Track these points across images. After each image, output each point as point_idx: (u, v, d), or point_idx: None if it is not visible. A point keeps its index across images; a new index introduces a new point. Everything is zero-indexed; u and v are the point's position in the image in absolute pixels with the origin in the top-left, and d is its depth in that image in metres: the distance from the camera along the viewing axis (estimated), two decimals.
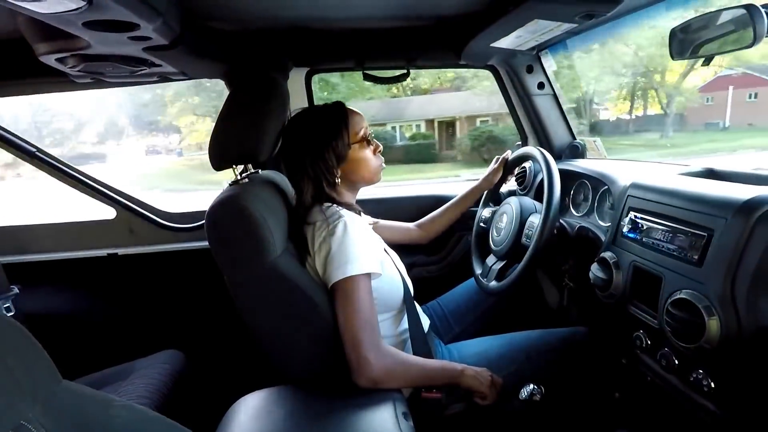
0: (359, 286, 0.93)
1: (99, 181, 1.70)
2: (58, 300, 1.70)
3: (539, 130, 1.70)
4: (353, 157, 1.08)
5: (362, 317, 0.91)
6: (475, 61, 1.53)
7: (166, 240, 1.72)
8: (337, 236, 0.95)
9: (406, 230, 1.50)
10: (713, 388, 0.85)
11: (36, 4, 0.65)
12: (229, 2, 1.03)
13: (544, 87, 1.65)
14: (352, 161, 1.08)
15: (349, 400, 0.90)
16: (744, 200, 0.81)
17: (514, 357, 1.13)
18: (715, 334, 0.79)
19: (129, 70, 1.14)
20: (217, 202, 0.92)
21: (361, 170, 1.11)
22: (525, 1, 0.94)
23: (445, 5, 1.15)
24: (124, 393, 1.13)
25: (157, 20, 0.82)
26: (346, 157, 1.07)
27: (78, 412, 0.55)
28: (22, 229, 1.71)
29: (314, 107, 1.13)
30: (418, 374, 0.98)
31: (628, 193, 1.10)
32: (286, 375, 1.00)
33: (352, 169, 1.09)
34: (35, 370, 0.52)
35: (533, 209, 1.29)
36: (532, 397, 1.08)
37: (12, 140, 1.57)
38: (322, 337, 0.95)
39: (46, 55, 0.99)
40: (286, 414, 0.89)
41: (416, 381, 0.99)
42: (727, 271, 0.79)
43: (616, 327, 1.13)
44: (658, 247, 0.96)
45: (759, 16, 0.86)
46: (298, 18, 1.18)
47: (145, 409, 0.66)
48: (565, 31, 1.15)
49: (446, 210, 1.51)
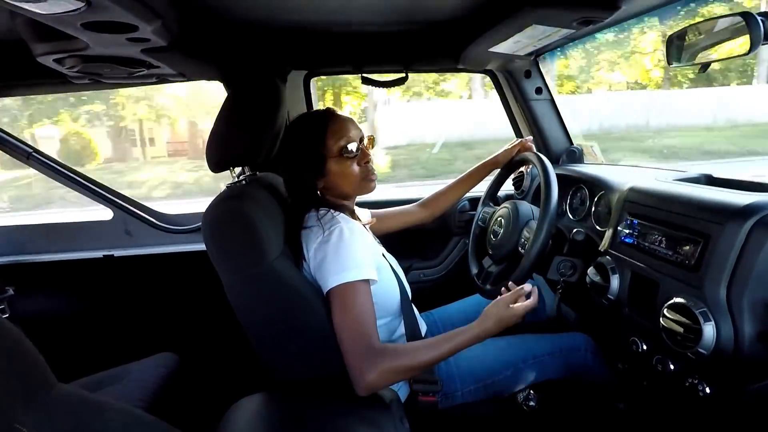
0: (356, 293, 0.91)
1: (96, 182, 1.70)
2: (54, 302, 1.69)
3: (537, 135, 1.70)
4: (331, 170, 1.04)
5: (359, 324, 0.89)
6: (473, 65, 1.53)
7: (163, 242, 1.72)
8: (333, 242, 0.94)
9: (407, 213, 1.44)
10: (709, 394, 0.85)
11: (34, 5, 0.65)
12: (228, 5, 1.03)
13: (542, 92, 1.65)
14: (331, 175, 1.05)
15: (346, 404, 0.90)
16: (741, 206, 0.81)
17: (510, 361, 1.13)
18: (711, 339, 0.79)
19: (127, 71, 1.14)
20: (214, 204, 0.92)
21: (342, 185, 1.07)
22: (523, 7, 0.95)
23: (444, 10, 1.15)
24: (119, 396, 1.12)
25: (155, 22, 0.82)
26: (324, 172, 1.04)
27: (72, 415, 0.55)
28: (17, 230, 1.70)
29: (302, 115, 1.10)
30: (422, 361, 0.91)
31: (625, 198, 1.10)
32: (281, 378, 0.99)
33: (333, 183, 1.06)
34: (29, 373, 0.52)
35: (530, 214, 1.29)
36: (529, 402, 1.08)
37: (8, 141, 1.56)
38: (318, 341, 0.94)
39: (44, 56, 0.99)
40: (281, 418, 0.88)
41: (422, 368, 0.93)
42: (724, 277, 0.80)
43: (612, 332, 1.13)
44: (655, 253, 0.96)
45: (755, 23, 0.87)
46: (297, 21, 1.18)
47: (140, 413, 0.66)
48: (563, 36, 1.16)
49: (454, 186, 1.45)
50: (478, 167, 1.44)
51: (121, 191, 1.74)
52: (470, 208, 1.79)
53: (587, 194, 1.36)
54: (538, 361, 1.13)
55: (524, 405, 1.08)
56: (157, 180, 10.86)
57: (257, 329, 0.97)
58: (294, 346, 0.96)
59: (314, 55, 1.42)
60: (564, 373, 1.15)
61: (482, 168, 1.44)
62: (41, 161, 1.60)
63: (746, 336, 0.78)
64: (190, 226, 1.73)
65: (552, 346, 1.17)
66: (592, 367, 1.17)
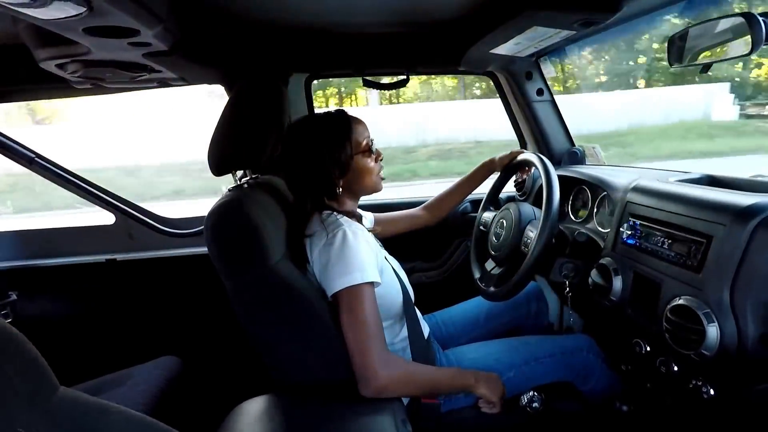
0: (361, 296, 0.92)
1: (98, 187, 1.70)
2: (57, 306, 1.69)
3: (538, 137, 1.70)
4: (356, 167, 1.07)
5: (366, 327, 0.90)
6: (474, 67, 1.53)
7: (165, 245, 1.72)
8: (336, 245, 0.94)
9: (411, 217, 1.46)
10: (713, 396, 0.84)
11: (37, 10, 0.65)
12: (229, 8, 1.03)
13: (543, 93, 1.65)
14: (354, 171, 1.07)
15: (348, 407, 0.90)
16: (743, 206, 0.81)
17: (513, 363, 1.12)
18: (715, 340, 0.79)
19: (129, 75, 1.14)
20: (216, 207, 0.92)
21: (364, 180, 1.09)
22: (524, 9, 0.95)
23: (445, 12, 1.15)
24: (122, 400, 1.12)
25: (157, 26, 0.82)
26: (349, 168, 1.06)
27: (75, 419, 0.55)
28: (20, 234, 1.71)
29: (315, 115, 1.10)
30: (426, 383, 0.98)
31: (627, 200, 1.10)
32: (284, 382, 0.99)
33: (355, 179, 1.08)
34: (33, 377, 0.52)
35: (532, 216, 1.29)
36: (532, 404, 1.07)
37: (11, 146, 1.57)
38: (321, 344, 0.94)
39: (46, 61, 0.99)
40: (284, 421, 0.88)
41: (424, 389, 0.99)
42: (727, 278, 0.79)
43: (615, 333, 1.13)
44: (658, 254, 0.96)
45: (757, 24, 0.87)
46: (298, 24, 1.19)
47: (143, 416, 0.66)
48: (564, 38, 1.16)
49: (455, 189, 1.46)
50: (476, 170, 1.45)
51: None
52: (472, 210, 1.79)
53: (589, 195, 1.36)
54: (540, 363, 1.13)
55: (527, 407, 1.08)
56: None
57: (259, 332, 0.97)
58: (296, 350, 0.96)
59: (316, 58, 1.42)
60: (567, 374, 1.15)
61: (480, 170, 1.45)
62: (44, 166, 1.61)
63: (750, 337, 0.77)
64: (192, 229, 1.73)
65: (554, 347, 1.16)
66: (594, 368, 1.16)
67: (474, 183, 1.46)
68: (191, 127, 9.04)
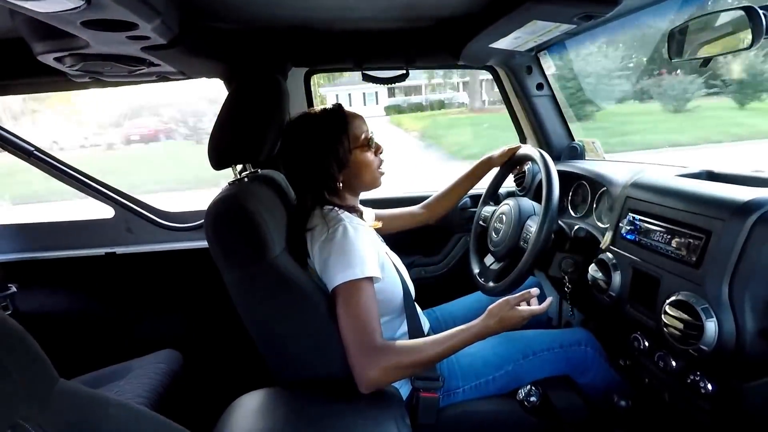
0: (359, 290, 0.91)
1: (97, 180, 1.70)
2: (56, 299, 1.70)
3: (538, 131, 1.70)
4: (355, 161, 1.07)
5: (359, 321, 0.90)
6: (473, 61, 1.53)
7: (165, 239, 1.72)
8: (337, 240, 0.94)
9: (411, 215, 1.47)
10: (711, 391, 0.85)
11: (34, 3, 0.64)
12: (228, 2, 1.03)
13: (543, 88, 1.65)
14: (354, 166, 1.07)
15: (347, 401, 0.90)
16: (742, 202, 0.81)
17: (510, 356, 1.13)
18: (713, 336, 0.79)
19: (127, 69, 1.14)
20: (216, 201, 0.92)
21: (364, 174, 1.10)
22: (523, 3, 0.94)
23: (444, 6, 1.14)
24: (121, 392, 1.12)
25: (155, 20, 0.82)
26: (348, 163, 1.06)
27: (75, 411, 0.55)
28: (20, 227, 1.71)
29: (313, 111, 1.10)
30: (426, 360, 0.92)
31: (626, 195, 1.10)
32: (282, 376, 1.00)
33: (355, 173, 1.08)
34: (32, 369, 0.52)
35: (532, 211, 1.29)
36: (529, 398, 1.08)
37: (10, 139, 1.56)
38: (321, 339, 0.94)
39: (44, 55, 0.99)
40: (283, 415, 0.88)
41: (426, 365, 0.95)
42: (725, 273, 0.79)
43: (614, 328, 1.13)
44: (657, 249, 0.96)
45: (757, 17, 0.86)
46: (297, 18, 1.18)
47: (142, 409, 0.66)
48: (564, 32, 1.15)
49: (454, 186, 1.46)
50: (474, 167, 1.45)
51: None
52: (471, 205, 1.79)
53: (588, 190, 1.36)
54: (538, 357, 1.14)
55: (525, 401, 1.08)
56: None
57: (259, 326, 0.97)
58: (296, 345, 0.97)
59: (315, 52, 1.41)
60: (565, 368, 1.15)
61: (479, 167, 1.45)
62: (43, 159, 1.61)
63: (748, 332, 0.78)
64: (191, 223, 1.73)
65: (552, 341, 1.17)
66: (593, 363, 1.17)
67: (473, 179, 1.45)
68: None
